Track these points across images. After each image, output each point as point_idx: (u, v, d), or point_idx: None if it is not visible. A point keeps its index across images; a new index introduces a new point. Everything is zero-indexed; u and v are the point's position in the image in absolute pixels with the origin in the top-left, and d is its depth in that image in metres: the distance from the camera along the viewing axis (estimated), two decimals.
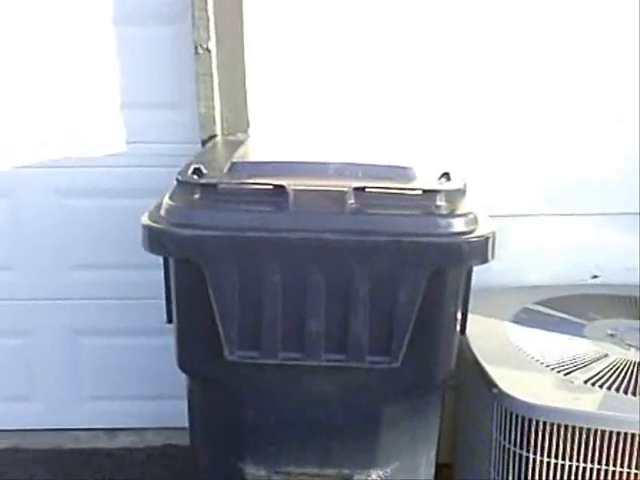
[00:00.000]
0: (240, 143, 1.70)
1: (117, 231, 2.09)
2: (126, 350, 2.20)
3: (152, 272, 1.72)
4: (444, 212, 1.27)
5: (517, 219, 1.89)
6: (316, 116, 1.88)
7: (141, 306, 2.14)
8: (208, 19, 1.82)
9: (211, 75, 1.86)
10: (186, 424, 1.55)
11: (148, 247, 1.29)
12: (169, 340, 1.51)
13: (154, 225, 1.28)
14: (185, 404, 1.53)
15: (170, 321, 1.39)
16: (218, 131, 1.90)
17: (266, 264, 1.28)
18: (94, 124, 2.04)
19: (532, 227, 1.93)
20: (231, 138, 1.85)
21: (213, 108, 1.88)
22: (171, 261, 1.34)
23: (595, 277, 1.96)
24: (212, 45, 1.84)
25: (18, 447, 2.21)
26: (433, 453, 1.48)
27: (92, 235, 2.12)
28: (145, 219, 1.30)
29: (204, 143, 1.88)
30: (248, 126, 1.89)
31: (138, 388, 2.22)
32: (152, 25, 1.97)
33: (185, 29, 1.89)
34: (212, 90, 1.87)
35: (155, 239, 1.29)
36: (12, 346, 2.22)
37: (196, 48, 1.85)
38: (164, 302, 1.42)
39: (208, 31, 1.83)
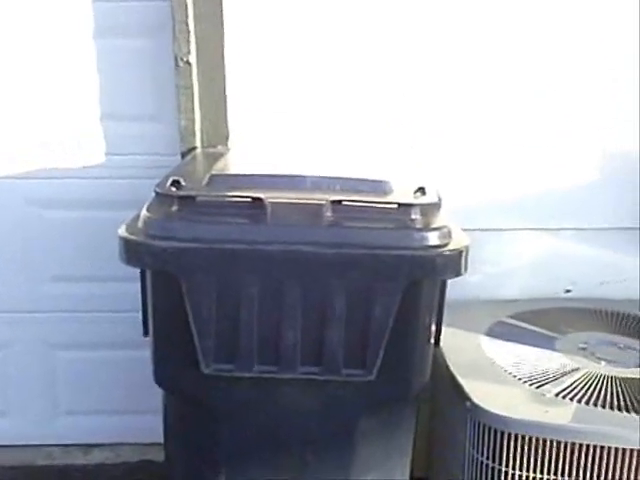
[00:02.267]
0: (219, 155, 1.71)
1: (94, 243, 2.07)
2: (102, 364, 2.17)
3: (129, 285, 1.71)
4: (419, 226, 1.29)
5: (492, 233, 1.92)
6: (294, 129, 1.90)
7: (118, 319, 2.12)
8: (188, 32, 1.83)
9: (191, 88, 1.87)
10: (162, 439, 1.54)
11: (125, 259, 1.29)
12: (145, 354, 1.50)
13: (131, 237, 1.28)
14: (160, 419, 1.52)
15: (147, 334, 1.38)
16: (198, 143, 1.91)
17: (243, 276, 1.28)
18: (73, 135, 2.03)
19: (506, 241, 1.96)
20: (211, 150, 1.86)
21: (193, 120, 1.89)
22: (148, 274, 1.33)
23: (568, 291, 1.99)
24: (192, 58, 1.85)
25: None
26: (407, 466, 1.49)
27: (69, 247, 2.10)
28: (122, 231, 1.30)
29: (184, 155, 1.88)
30: (227, 139, 1.90)
31: (114, 403, 2.19)
32: (133, 37, 1.97)
33: (165, 42, 1.90)
34: (192, 102, 1.88)
35: (132, 251, 1.28)
36: None
37: (176, 61, 1.86)
38: (141, 315, 1.41)
39: (188, 44, 1.84)
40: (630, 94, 1.86)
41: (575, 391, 1.44)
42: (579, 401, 1.41)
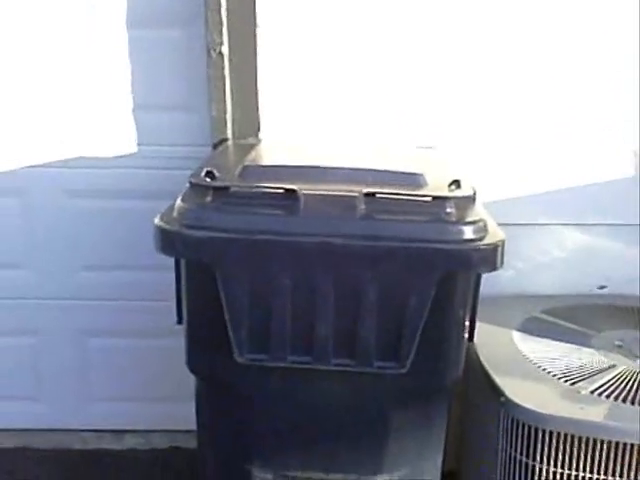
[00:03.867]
0: (251, 147, 1.72)
1: (127, 232, 2.10)
2: (134, 352, 2.20)
3: (161, 274, 1.73)
4: (453, 219, 1.28)
5: (525, 228, 1.89)
6: (327, 120, 1.89)
7: (150, 308, 2.14)
8: (221, 23, 1.83)
9: (223, 78, 1.87)
10: (192, 427, 1.56)
11: (160, 248, 1.30)
12: (177, 342, 1.52)
13: (166, 227, 1.29)
14: (191, 407, 1.53)
15: (180, 322, 1.39)
16: (229, 134, 1.91)
17: (276, 267, 1.29)
18: (106, 126, 2.06)
19: (540, 236, 1.93)
20: (242, 142, 1.86)
21: (225, 111, 1.89)
22: (182, 263, 1.35)
23: (602, 287, 1.95)
24: (225, 49, 1.85)
25: (26, 446, 2.22)
26: (439, 460, 1.48)
27: (103, 236, 2.13)
28: (158, 220, 1.31)
29: (215, 146, 1.89)
30: (259, 130, 1.90)
31: (145, 390, 2.22)
32: (165, 28, 1.98)
33: (198, 32, 1.91)
34: (224, 93, 1.88)
35: (167, 240, 1.30)
36: (21, 345, 2.22)
37: (209, 51, 1.86)
38: (174, 303, 1.43)
39: (221, 35, 1.84)
40: None
41: (611, 389, 1.42)
42: (615, 399, 1.39)
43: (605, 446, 1.33)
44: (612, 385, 1.44)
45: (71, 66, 2.01)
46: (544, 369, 1.51)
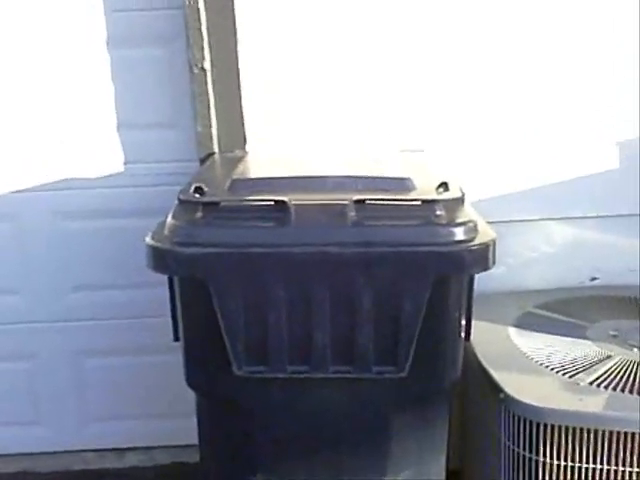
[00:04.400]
0: (238, 160, 1.72)
1: (118, 251, 2.10)
2: (131, 369, 2.20)
3: (154, 291, 1.74)
4: (444, 221, 1.29)
5: (515, 224, 1.91)
6: (312, 129, 1.90)
7: (144, 325, 2.14)
8: (202, 39, 1.84)
9: (207, 94, 1.88)
10: (194, 441, 1.56)
11: (153, 266, 1.30)
12: (174, 358, 1.52)
13: (158, 245, 1.30)
14: (192, 421, 1.53)
15: (177, 339, 1.39)
16: (215, 148, 1.92)
17: (270, 279, 1.29)
18: (92, 145, 2.06)
19: (529, 232, 1.95)
20: (229, 155, 1.87)
21: (210, 126, 1.90)
22: (176, 280, 1.35)
23: (594, 279, 1.97)
24: (207, 64, 1.86)
25: (27, 471, 2.21)
26: (443, 460, 1.49)
27: (93, 256, 2.13)
28: (149, 239, 1.31)
29: (202, 161, 1.89)
30: (245, 142, 1.91)
31: (144, 407, 2.21)
32: (147, 46, 1.99)
33: (180, 49, 1.92)
34: (208, 108, 1.89)
35: (159, 258, 1.30)
36: (17, 370, 2.21)
37: (191, 68, 1.87)
38: (169, 320, 1.43)
39: (203, 51, 1.85)
40: None
41: (609, 379, 1.44)
42: (614, 389, 1.41)
43: (606, 436, 1.35)
44: (610, 375, 1.45)
45: (55, 87, 2.01)
46: (542, 363, 1.52)
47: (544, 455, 1.38)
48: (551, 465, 1.38)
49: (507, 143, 1.91)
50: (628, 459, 1.35)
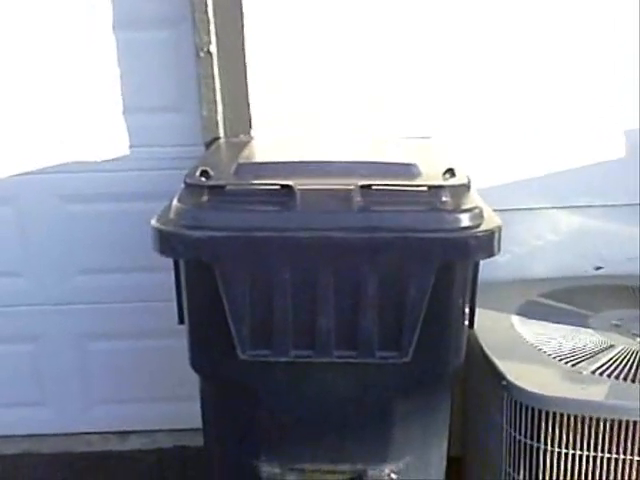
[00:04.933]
0: (244, 144, 1.72)
1: (122, 235, 2.10)
2: (135, 353, 2.21)
3: (158, 274, 1.74)
4: (450, 207, 1.29)
5: (519, 213, 1.91)
6: (318, 114, 1.89)
7: (148, 308, 2.15)
8: (208, 22, 1.83)
9: (213, 78, 1.87)
10: (196, 425, 1.57)
11: (159, 249, 1.30)
12: (177, 342, 1.53)
13: (164, 228, 1.30)
14: (195, 405, 1.54)
15: (182, 322, 1.40)
16: (221, 133, 1.91)
17: (275, 263, 1.29)
18: (97, 129, 2.05)
19: (534, 220, 1.95)
20: (234, 140, 1.87)
21: (215, 110, 1.89)
22: (181, 263, 1.35)
23: (598, 268, 1.97)
24: (213, 48, 1.85)
25: (30, 452, 2.22)
26: (444, 447, 1.50)
27: (97, 239, 2.13)
28: (154, 222, 1.31)
29: (207, 145, 1.89)
30: (250, 127, 1.90)
31: (148, 390, 2.23)
32: (153, 29, 1.97)
33: (186, 32, 1.90)
34: (214, 92, 1.88)
35: (165, 241, 1.30)
36: (21, 352, 2.22)
37: (197, 51, 1.86)
38: (174, 303, 1.43)
39: (209, 34, 1.84)
40: None
41: (612, 368, 1.44)
42: (616, 378, 1.41)
43: (608, 425, 1.35)
44: (612, 364, 1.45)
45: (60, 70, 2.00)
46: (544, 352, 1.53)
47: (545, 443, 1.39)
48: (552, 452, 1.39)
49: (513, 131, 1.90)
50: (629, 447, 1.35)
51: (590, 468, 1.38)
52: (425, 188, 1.31)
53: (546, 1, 1.82)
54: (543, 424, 1.38)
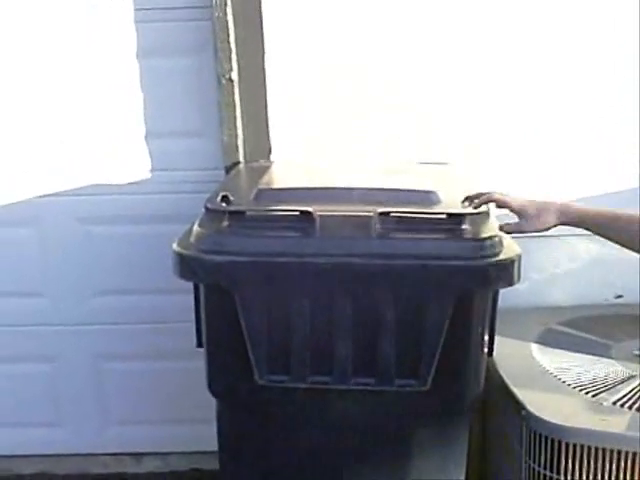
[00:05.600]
0: (263, 169, 1.74)
1: (141, 257, 2.12)
2: (151, 374, 2.21)
3: (175, 296, 1.76)
4: (469, 235, 1.29)
5: (539, 240, 1.88)
6: (337, 139, 1.92)
7: (164, 330, 2.16)
8: (230, 50, 1.87)
9: (233, 104, 1.91)
10: (211, 448, 1.56)
11: (179, 273, 1.32)
12: (194, 364, 1.53)
13: (184, 252, 1.31)
14: (210, 428, 1.53)
15: (200, 345, 1.40)
16: (241, 158, 1.94)
17: (294, 289, 1.30)
18: (119, 152, 2.09)
19: (554, 247, 1.94)
20: (254, 165, 1.89)
21: (236, 136, 1.93)
22: (201, 287, 1.36)
23: (619, 297, 1.95)
24: (234, 75, 1.89)
25: (45, 472, 2.23)
26: (462, 476, 1.47)
27: (116, 261, 2.15)
28: (175, 246, 1.33)
29: (228, 170, 1.91)
30: (270, 152, 1.93)
31: (163, 412, 2.23)
32: (176, 56, 2.02)
33: (208, 60, 1.94)
34: (235, 118, 1.92)
35: (186, 266, 1.31)
36: (38, 372, 2.24)
37: (219, 78, 1.90)
38: (190, 325, 1.43)
39: (230, 62, 1.88)
40: None
41: (633, 399, 1.42)
42: (638, 409, 1.39)
43: (629, 457, 1.33)
44: (634, 396, 1.43)
45: (84, 95, 2.05)
46: (564, 381, 1.51)
47: (565, 474, 1.37)
48: None
49: (531, 158, 1.90)
50: None
51: None
52: (444, 216, 1.32)
53: (561, 28, 1.83)
54: (563, 456, 1.36)
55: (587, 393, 1.46)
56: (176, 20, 1.99)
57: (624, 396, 1.43)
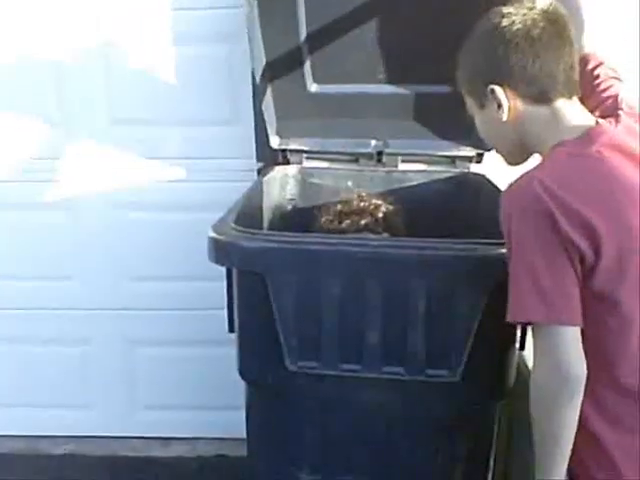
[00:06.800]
0: None
1: (174, 243, 2.14)
2: (180, 360, 2.24)
3: (208, 283, 1.78)
4: None
5: None
6: None
7: (197, 316, 2.18)
8: None
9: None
10: (238, 435, 1.58)
11: (214, 259, 1.33)
12: (222, 351, 1.55)
13: (220, 238, 1.33)
14: (237, 415, 1.55)
15: (232, 330, 1.42)
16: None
17: (326, 276, 1.30)
18: (154, 140, 2.11)
19: None
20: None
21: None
22: (234, 272, 1.37)
23: None
24: None
25: (75, 453, 2.27)
26: (489, 469, 1.47)
27: (150, 247, 2.18)
28: (211, 232, 1.34)
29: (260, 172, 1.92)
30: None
31: (192, 398, 2.25)
32: (209, 44, 2.03)
33: (241, 47, 1.95)
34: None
35: (221, 251, 1.33)
36: (70, 355, 2.29)
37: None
38: (220, 312, 1.44)
39: None
40: None
41: None
42: None
43: None
44: None
45: (119, 82, 2.07)
46: None
47: None
48: None
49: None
50: None
51: None
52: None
53: None
54: None
55: None
56: (210, 7, 1.99)
57: None
